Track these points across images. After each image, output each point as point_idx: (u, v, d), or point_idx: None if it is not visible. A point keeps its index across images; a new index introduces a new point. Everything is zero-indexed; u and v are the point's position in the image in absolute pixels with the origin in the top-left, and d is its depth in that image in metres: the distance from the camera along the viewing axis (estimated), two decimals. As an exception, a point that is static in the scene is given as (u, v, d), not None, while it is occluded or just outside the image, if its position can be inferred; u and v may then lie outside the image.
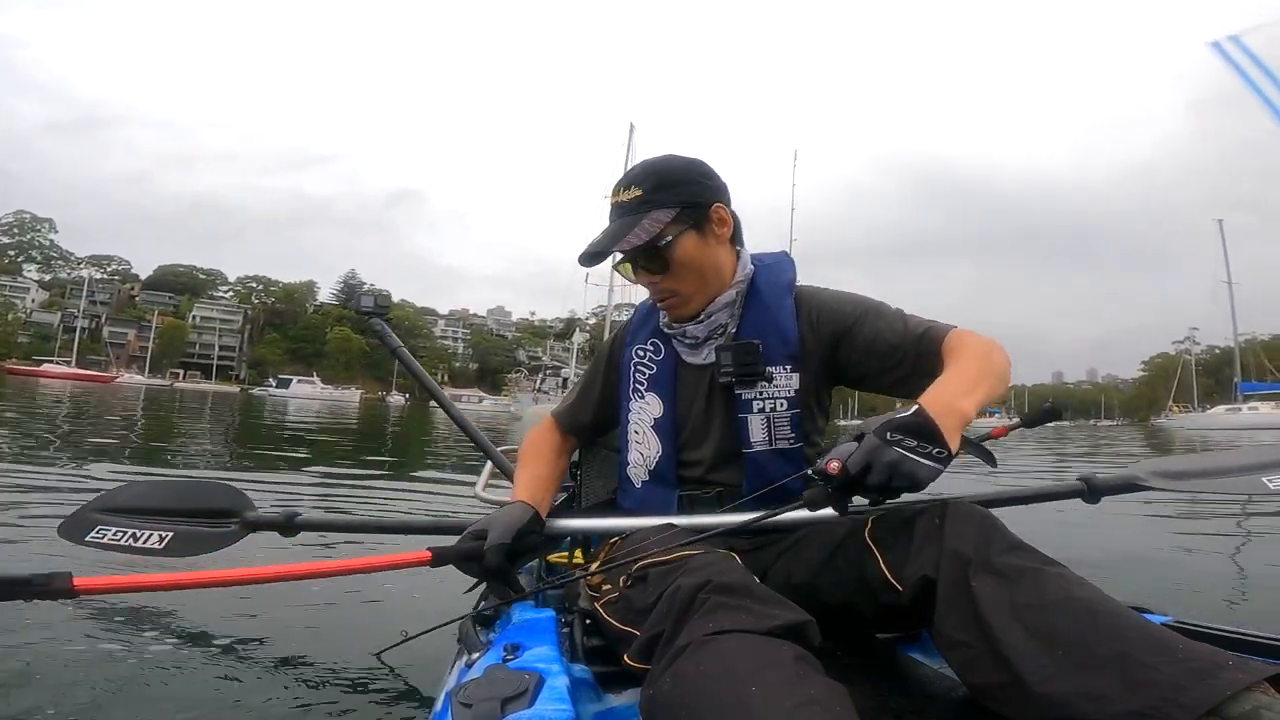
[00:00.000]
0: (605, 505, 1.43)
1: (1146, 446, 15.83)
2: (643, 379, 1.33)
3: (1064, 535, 3.22)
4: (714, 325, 1.26)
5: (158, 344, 78.53)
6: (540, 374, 50.02)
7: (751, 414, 1.23)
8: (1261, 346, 54.47)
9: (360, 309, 1.79)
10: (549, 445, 1.43)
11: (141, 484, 1.67)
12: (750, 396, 1.24)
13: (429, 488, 5.32)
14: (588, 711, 0.85)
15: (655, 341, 1.34)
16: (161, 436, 8.72)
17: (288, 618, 1.89)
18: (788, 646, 0.73)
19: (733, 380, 1.23)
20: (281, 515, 1.40)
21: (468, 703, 0.69)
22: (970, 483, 4.93)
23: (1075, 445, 16.26)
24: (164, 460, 6.17)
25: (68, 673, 1.45)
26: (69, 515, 1.42)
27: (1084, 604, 0.76)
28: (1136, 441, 18.98)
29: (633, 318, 1.43)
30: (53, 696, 1.35)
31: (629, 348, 1.38)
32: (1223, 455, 1.24)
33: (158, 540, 1.35)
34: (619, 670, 0.89)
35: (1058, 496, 1.24)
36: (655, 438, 1.29)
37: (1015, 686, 0.75)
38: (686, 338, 1.29)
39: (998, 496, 1.21)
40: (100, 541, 1.37)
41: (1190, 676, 0.66)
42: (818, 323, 1.26)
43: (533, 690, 0.71)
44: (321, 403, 38.72)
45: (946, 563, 0.87)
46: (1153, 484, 1.16)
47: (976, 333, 1.16)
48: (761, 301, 1.27)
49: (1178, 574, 2.89)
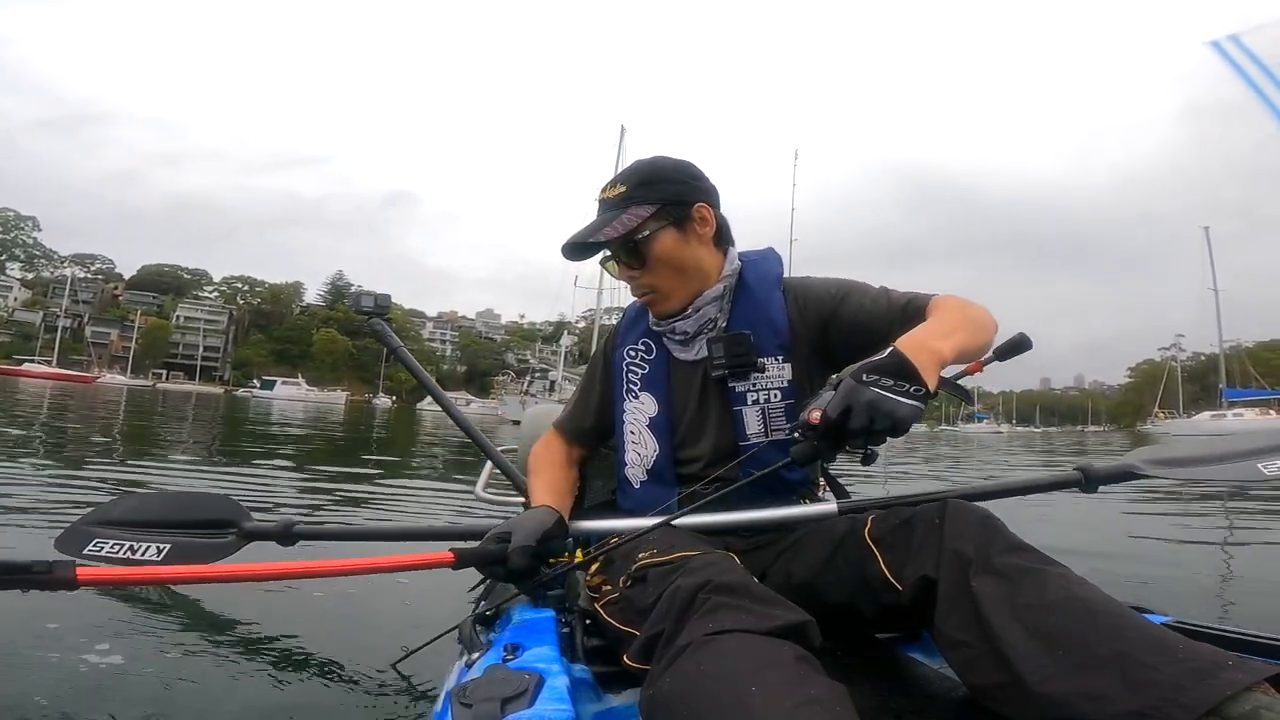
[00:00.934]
0: (606, 506, 1.43)
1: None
2: (636, 379, 1.34)
3: (1065, 535, 3.26)
4: (703, 320, 1.27)
5: (141, 344, 77.64)
6: (528, 377, 49.93)
7: (746, 406, 1.24)
8: (1247, 353, 55.02)
9: (360, 309, 1.78)
10: (558, 453, 1.43)
11: (137, 496, 1.68)
12: (744, 389, 1.24)
13: (421, 491, 5.30)
14: (588, 711, 0.84)
15: (646, 341, 1.35)
16: (144, 440, 8.61)
17: (287, 618, 1.89)
18: (788, 646, 0.73)
19: (725, 373, 1.24)
20: (280, 525, 1.39)
21: (468, 703, 0.69)
22: (967, 476, 4.95)
23: (1065, 451, 16.43)
24: (149, 460, 6.10)
25: (66, 672, 1.45)
26: (65, 529, 1.41)
27: (1085, 604, 0.77)
28: (1124, 447, 19.21)
29: (622, 319, 1.44)
30: (54, 699, 1.34)
31: (620, 349, 1.38)
32: (1217, 442, 1.26)
33: (156, 552, 1.34)
34: (619, 670, 0.89)
35: (1055, 487, 1.24)
36: (651, 437, 1.30)
37: (1015, 686, 0.75)
38: (676, 334, 1.30)
39: (995, 488, 1.21)
40: (98, 555, 1.36)
41: (1190, 676, 0.66)
42: (805, 309, 1.27)
43: (533, 690, 0.71)
44: (306, 405, 38.49)
45: (947, 562, 0.87)
46: (1149, 472, 1.17)
47: (954, 298, 1.19)
48: (751, 295, 1.29)
49: (1178, 574, 2.92)
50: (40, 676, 1.42)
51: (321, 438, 11.51)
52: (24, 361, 55.38)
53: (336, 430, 14.29)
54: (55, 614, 1.68)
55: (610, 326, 1.50)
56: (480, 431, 1.82)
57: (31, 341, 70.17)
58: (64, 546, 1.38)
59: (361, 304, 1.79)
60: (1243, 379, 47.85)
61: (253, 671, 1.56)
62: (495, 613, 1.09)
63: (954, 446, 19.76)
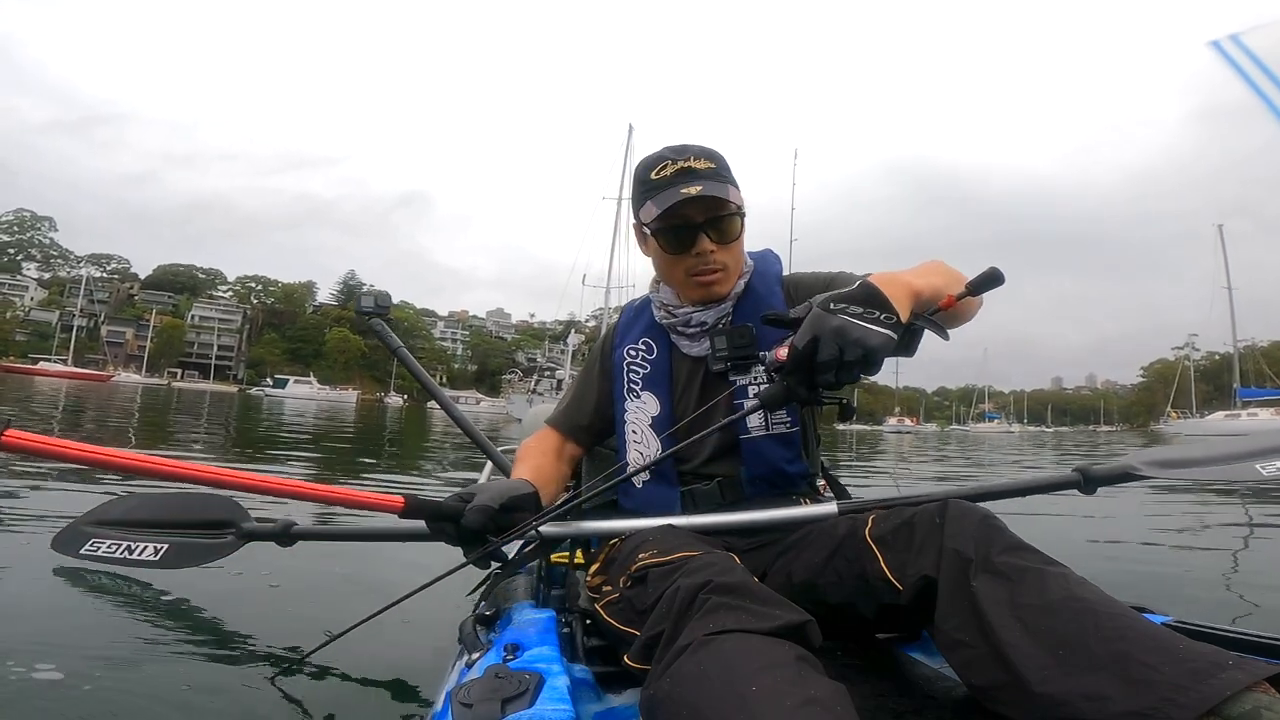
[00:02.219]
0: (606, 507, 1.42)
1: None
2: (637, 378, 1.34)
3: (1064, 536, 3.23)
4: (722, 313, 1.29)
5: (156, 343, 78.44)
6: (535, 375, 49.93)
7: (748, 400, 1.24)
8: (1261, 353, 54.52)
9: (360, 309, 1.78)
10: (549, 445, 1.42)
11: (135, 497, 1.65)
12: (746, 382, 1.25)
13: (437, 488, 5.32)
14: (588, 711, 0.84)
15: (647, 340, 1.36)
16: (159, 438, 8.68)
17: (286, 618, 1.89)
18: (789, 646, 0.73)
19: (726, 367, 1.24)
20: (278, 526, 1.38)
21: (468, 703, 0.69)
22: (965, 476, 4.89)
23: (1077, 451, 16.30)
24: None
25: (63, 672, 1.44)
26: (62, 529, 1.41)
27: (1085, 604, 0.76)
28: (1137, 447, 19.08)
29: (620, 319, 1.44)
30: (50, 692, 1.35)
31: (619, 348, 1.38)
32: (1216, 443, 1.27)
33: (153, 552, 1.34)
34: (619, 670, 0.89)
35: (1054, 488, 1.23)
36: (654, 437, 1.30)
37: (1015, 686, 0.75)
38: (691, 325, 1.30)
39: (994, 489, 1.21)
40: (95, 555, 1.36)
41: (1190, 676, 0.66)
42: (799, 299, 1.28)
43: (533, 690, 0.71)
44: (318, 403, 38.65)
45: (947, 562, 0.87)
46: (1147, 473, 1.16)
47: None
48: (755, 293, 1.31)
49: (1178, 574, 2.90)
50: (33, 679, 1.41)
51: (332, 436, 11.56)
52: (40, 360, 55.93)
53: (346, 429, 14.36)
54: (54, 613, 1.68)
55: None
56: (480, 432, 1.82)
57: (48, 340, 70.92)
58: (61, 546, 1.39)
59: (361, 304, 1.79)
60: (1258, 378, 47.34)
61: (251, 673, 1.56)
62: (495, 613, 1.09)
63: (964, 446, 19.66)
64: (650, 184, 1.26)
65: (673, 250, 1.26)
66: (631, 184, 1.35)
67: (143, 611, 1.87)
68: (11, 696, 1.33)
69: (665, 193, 1.22)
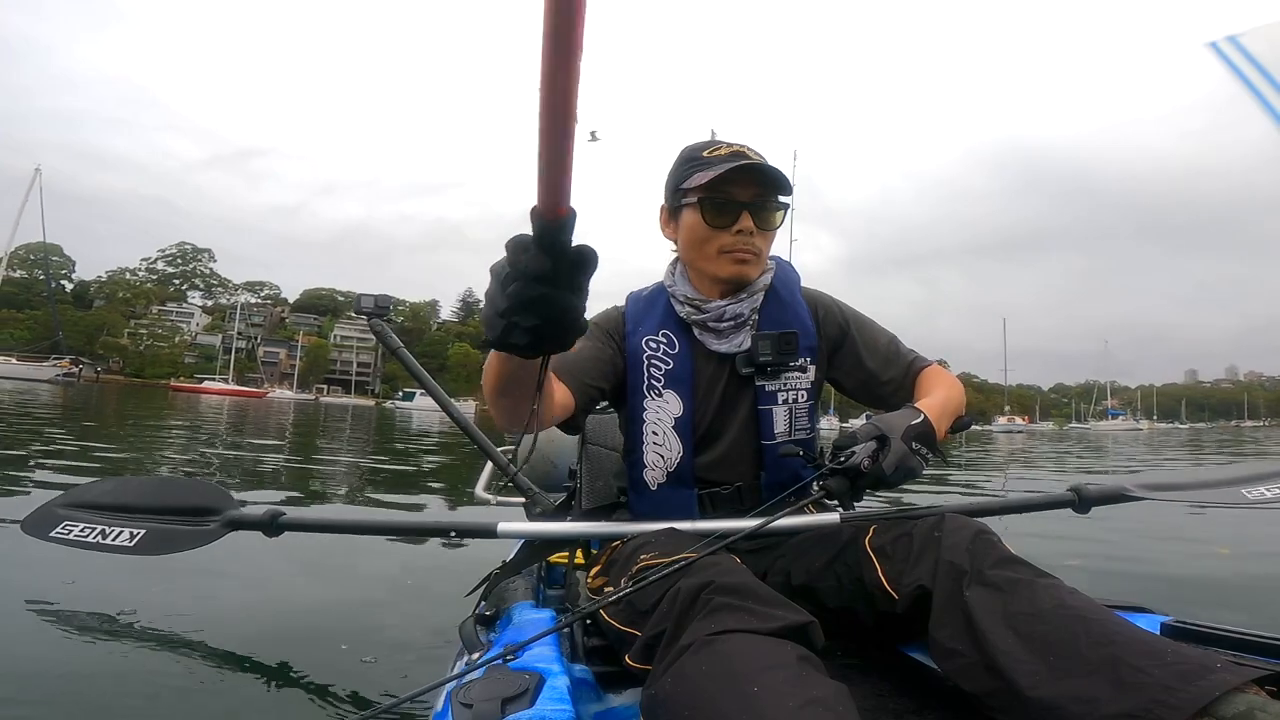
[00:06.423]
0: (606, 508, 1.40)
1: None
2: (659, 375, 1.26)
3: (1064, 535, 3.18)
4: (753, 306, 1.28)
5: (304, 362, 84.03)
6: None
7: (776, 405, 1.25)
8: None
9: (360, 310, 1.75)
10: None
11: (115, 480, 1.58)
12: (775, 388, 1.25)
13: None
14: (588, 711, 0.85)
15: (667, 333, 1.29)
16: (309, 447, 8.87)
17: (286, 618, 1.91)
18: (791, 647, 0.74)
19: (753, 370, 1.24)
20: (265, 515, 1.31)
21: (468, 703, 0.69)
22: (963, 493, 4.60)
23: (1215, 449, 14.75)
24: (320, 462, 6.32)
25: (60, 678, 1.48)
26: (33, 511, 1.34)
27: (1075, 612, 0.77)
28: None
29: (629, 307, 1.35)
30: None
31: (634, 337, 1.29)
32: (1205, 470, 1.34)
33: (128, 538, 1.27)
34: (619, 670, 0.90)
35: (1047, 506, 1.25)
36: (676, 439, 1.24)
37: (1008, 692, 0.76)
38: (724, 319, 1.26)
39: (989, 506, 1.22)
40: (65, 538, 1.29)
41: (1180, 678, 0.66)
42: (824, 322, 1.32)
43: (533, 690, 0.72)
44: (440, 415, 40.16)
45: (942, 574, 0.89)
46: (1140, 495, 1.20)
47: (946, 371, 1.33)
48: (779, 296, 1.31)
49: (1178, 574, 2.90)
50: (33, 679, 1.43)
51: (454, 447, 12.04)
52: (204, 380, 61.82)
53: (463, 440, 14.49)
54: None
55: (614, 310, 1.37)
56: (480, 432, 1.78)
57: (212, 362, 77.59)
58: (30, 529, 1.31)
59: (361, 304, 1.74)
60: None
61: (251, 673, 1.56)
62: (495, 613, 1.09)
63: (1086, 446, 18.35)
64: (700, 160, 1.23)
65: (714, 223, 1.22)
66: (671, 169, 1.30)
67: (138, 600, 1.90)
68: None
69: (720, 165, 1.19)
